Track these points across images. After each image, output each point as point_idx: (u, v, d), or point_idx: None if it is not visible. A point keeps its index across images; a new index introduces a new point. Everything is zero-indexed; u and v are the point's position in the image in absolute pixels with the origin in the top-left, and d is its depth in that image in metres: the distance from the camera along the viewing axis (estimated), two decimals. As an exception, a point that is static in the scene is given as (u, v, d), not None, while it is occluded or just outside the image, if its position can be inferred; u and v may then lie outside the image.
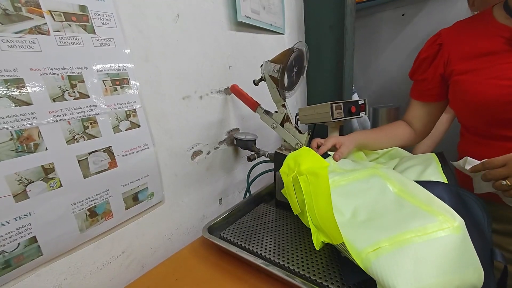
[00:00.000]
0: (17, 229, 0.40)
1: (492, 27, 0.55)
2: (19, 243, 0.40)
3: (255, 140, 0.78)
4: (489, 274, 0.36)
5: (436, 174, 0.52)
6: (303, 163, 0.51)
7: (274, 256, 0.51)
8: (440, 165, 0.54)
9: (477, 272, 0.35)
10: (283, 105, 0.64)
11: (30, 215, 0.41)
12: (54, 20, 0.41)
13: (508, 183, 0.42)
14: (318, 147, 0.64)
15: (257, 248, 0.54)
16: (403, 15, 1.35)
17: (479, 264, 0.35)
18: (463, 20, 0.61)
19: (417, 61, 0.66)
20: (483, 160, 0.47)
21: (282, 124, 0.66)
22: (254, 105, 0.72)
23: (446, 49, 0.60)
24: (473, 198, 0.46)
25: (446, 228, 0.36)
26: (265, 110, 0.70)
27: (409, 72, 0.69)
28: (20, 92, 0.38)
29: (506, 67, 0.51)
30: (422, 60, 0.65)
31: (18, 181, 0.39)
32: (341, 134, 0.79)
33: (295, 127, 0.65)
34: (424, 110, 0.68)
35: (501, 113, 0.52)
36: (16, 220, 0.39)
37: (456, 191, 0.47)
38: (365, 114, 0.80)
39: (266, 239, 0.56)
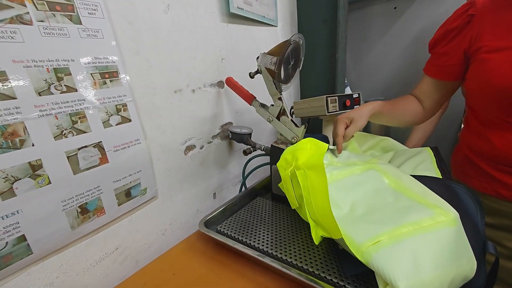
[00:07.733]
0: (4, 227, 0.38)
1: None
2: (7, 242, 0.39)
3: (251, 133, 0.77)
4: (480, 265, 0.37)
5: (431, 169, 0.52)
6: (301, 156, 0.51)
7: (271, 249, 0.51)
8: (434, 159, 0.55)
9: (470, 263, 0.35)
10: (279, 98, 0.64)
11: (18, 213, 0.39)
12: (37, 9, 0.39)
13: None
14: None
15: (254, 241, 0.54)
16: (395, 8, 1.35)
17: (473, 256, 0.36)
18: None
19: (441, 30, 0.57)
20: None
21: (278, 118, 0.66)
22: (250, 98, 0.71)
23: (478, 22, 0.51)
24: (466, 191, 0.46)
25: (442, 221, 0.37)
26: (261, 103, 0.69)
27: (430, 42, 0.61)
28: (2, 85, 0.36)
29: None
30: (448, 30, 0.55)
31: (4, 178, 0.37)
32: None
33: (291, 120, 0.64)
34: (436, 88, 0.61)
35: None
36: (3, 219, 0.38)
37: (449, 185, 0.48)
38: (359, 107, 0.81)
39: (263, 232, 0.56)
